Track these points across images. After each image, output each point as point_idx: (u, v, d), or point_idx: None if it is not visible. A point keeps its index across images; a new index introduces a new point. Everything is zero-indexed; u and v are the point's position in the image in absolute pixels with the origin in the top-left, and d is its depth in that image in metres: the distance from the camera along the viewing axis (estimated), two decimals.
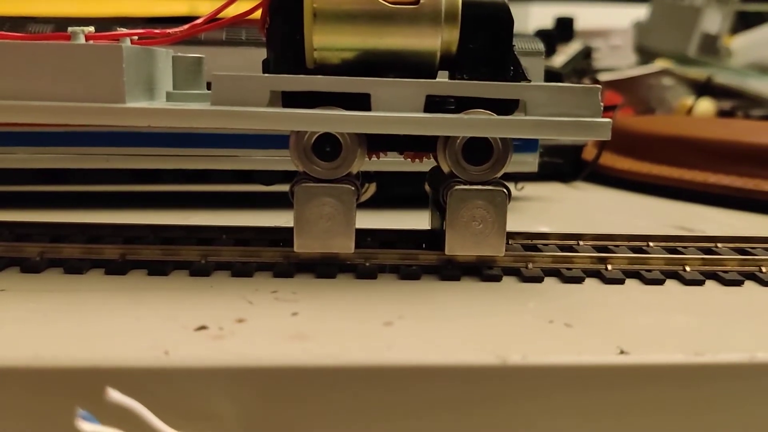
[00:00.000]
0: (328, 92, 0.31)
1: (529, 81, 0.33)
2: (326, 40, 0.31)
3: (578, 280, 0.34)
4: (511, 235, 0.38)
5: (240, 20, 0.34)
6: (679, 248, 0.38)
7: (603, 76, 0.84)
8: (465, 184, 0.33)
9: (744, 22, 1.04)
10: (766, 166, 0.55)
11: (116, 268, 0.33)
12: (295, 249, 0.33)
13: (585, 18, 0.93)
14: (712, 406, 0.26)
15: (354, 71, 0.32)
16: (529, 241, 0.38)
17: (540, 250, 0.37)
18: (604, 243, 0.38)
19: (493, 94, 0.32)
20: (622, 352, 0.26)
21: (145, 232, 0.37)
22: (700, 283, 0.35)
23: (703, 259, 0.36)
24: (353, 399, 0.25)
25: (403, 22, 0.31)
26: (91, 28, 0.33)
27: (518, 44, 0.34)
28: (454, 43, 0.32)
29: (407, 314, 0.29)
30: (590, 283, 0.35)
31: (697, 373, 0.26)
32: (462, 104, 0.32)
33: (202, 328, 0.27)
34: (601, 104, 0.32)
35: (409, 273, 0.34)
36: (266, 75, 0.32)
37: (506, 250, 0.34)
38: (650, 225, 0.48)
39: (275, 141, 0.47)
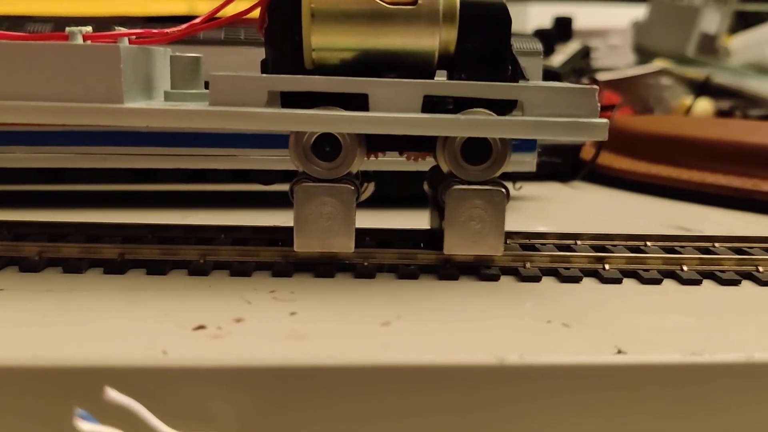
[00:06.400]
0: (326, 92, 0.31)
1: (528, 81, 0.33)
2: (324, 41, 0.31)
3: (576, 280, 0.35)
4: (509, 235, 0.38)
5: (238, 19, 0.34)
6: (676, 248, 0.38)
7: (601, 76, 0.84)
8: (463, 184, 0.33)
9: (743, 21, 1.04)
10: (764, 166, 0.55)
11: (115, 268, 0.33)
12: (295, 248, 0.33)
13: (583, 17, 0.93)
14: (709, 406, 0.26)
15: (352, 71, 0.32)
16: (527, 241, 0.38)
17: (538, 250, 0.37)
18: (601, 243, 0.38)
19: (491, 94, 0.32)
20: (619, 352, 0.26)
21: (143, 232, 0.37)
22: (698, 282, 0.35)
23: (700, 258, 0.36)
24: (351, 399, 0.25)
25: (401, 22, 0.31)
26: (89, 28, 0.33)
27: (517, 44, 0.34)
28: (452, 42, 0.32)
29: (405, 314, 0.29)
30: (588, 282, 0.35)
31: (695, 373, 0.26)
32: (460, 104, 0.32)
33: (201, 327, 0.27)
34: (598, 105, 0.32)
35: (407, 272, 0.34)
36: (264, 75, 0.32)
37: (504, 250, 0.34)
38: (648, 225, 0.48)
39: (274, 141, 0.47)
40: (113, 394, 0.22)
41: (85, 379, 0.24)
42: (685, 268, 0.36)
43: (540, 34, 0.58)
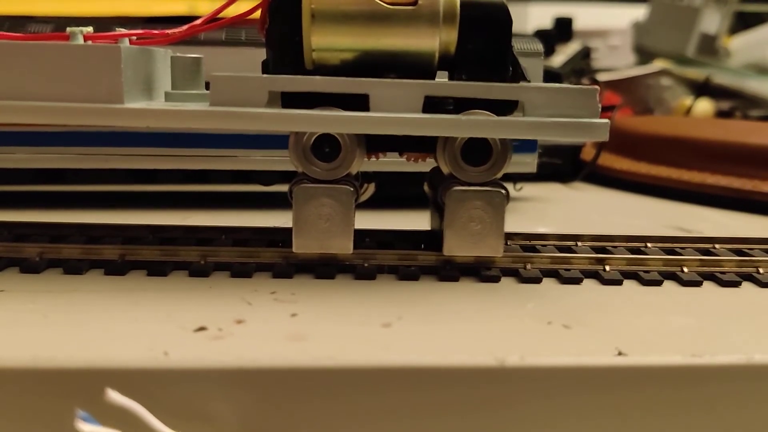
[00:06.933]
0: (326, 93, 0.31)
1: (528, 81, 0.33)
2: (324, 41, 0.31)
3: (576, 281, 0.35)
4: (509, 236, 0.38)
5: (239, 20, 0.34)
6: (677, 249, 0.38)
7: (602, 77, 0.84)
8: (463, 185, 0.33)
9: (743, 22, 1.04)
10: (764, 167, 0.55)
11: (115, 269, 0.33)
12: (294, 249, 0.33)
13: (584, 18, 0.93)
14: (709, 408, 0.26)
15: (353, 72, 0.32)
16: (528, 242, 0.38)
17: (538, 251, 0.37)
18: (602, 244, 0.38)
19: (492, 95, 0.32)
20: (620, 354, 0.26)
21: (144, 233, 0.37)
22: (698, 284, 0.35)
23: (700, 260, 0.36)
24: (352, 400, 0.25)
25: (401, 23, 0.31)
26: (90, 29, 0.33)
27: (517, 44, 0.34)
28: (452, 43, 0.32)
29: (406, 315, 0.29)
30: (588, 284, 0.35)
31: (695, 374, 0.26)
32: (461, 105, 0.32)
33: (202, 329, 0.27)
34: (599, 105, 0.32)
35: (407, 274, 0.34)
36: (264, 75, 0.32)
37: (504, 251, 0.34)
38: (648, 226, 0.48)
39: (274, 141, 0.47)
40: (114, 396, 0.22)
41: (86, 381, 0.24)
42: (685, 269, 0.36)
43: (540, 34, 0.58)
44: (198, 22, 0.35)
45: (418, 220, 0.40)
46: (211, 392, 0.25)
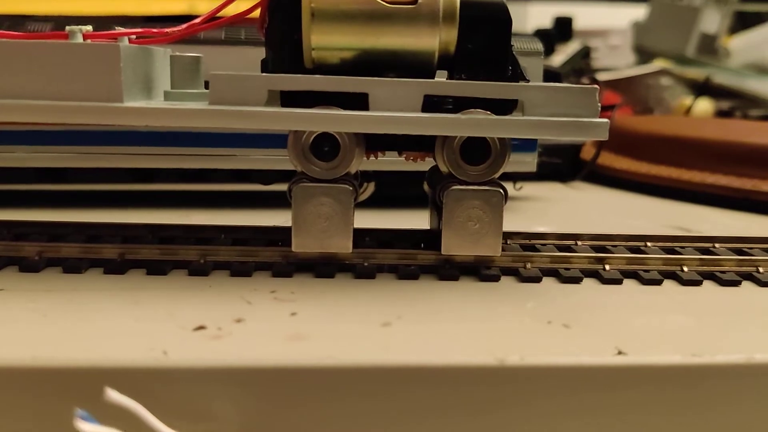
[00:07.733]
0: (326, 92, 0.31)
1: (528, 81, 0.33)
2: (324, 40, 0.31)
3: (576, 281, 0.34)
4: (509, 235, 0.38)
5: (239, 19, 0.34)
6: (676, 248, 0.38)
7: (602, 76, 0.84)
8: (461, 184, 0.33)
9: (742, 22, 1.04)
10: (764, 167, 0.55)
11: (115, 268, 0.33)
12: (293, 249, 0.33)
13: (584, 18, 0.93)
14: (709, 407, 0.26)
15: (352, 71, 0.32)
16: (528, 241, 0.38)
17: (538, 250, 0.37)
18: (602, 243, 0.38)
19: (491, 94, 0.32)
20: (619, 353, 0.26)
21: (143, 232, 0.37)
22: (698, 283, 0.35)
23: (700, 259, 0.36)
24: (351, 400, 0.25)
25: (401, 22, 0.31)
26: (89, 27, 0.33)
27: (517, 44, 0.34)
28: (452, 42, 0.32)
29: (405, 314, 0.29)
30: (588, 283, 0.35)
31: (695, 373, 0.26)
32: (460, 104, 0.32)
33: (201, 328, 0.27)
34: (599, 104, 0.32)
35: (407, 273, 0.34)
36: (264, 74, 0.32)
37: (504, 250, 0.34)
38: (648, 225, 0.48)
39: (274, 140, 0.47)
40: (113, 395, 0.22)
41: (86, 380, 0.24)
42: (685, 268, 0.36)
43: (540, 34, 0.58)
44: (197, 21, 0.34)
45: (418, 220, 0.40)
46: (211, 391, 0.25)
